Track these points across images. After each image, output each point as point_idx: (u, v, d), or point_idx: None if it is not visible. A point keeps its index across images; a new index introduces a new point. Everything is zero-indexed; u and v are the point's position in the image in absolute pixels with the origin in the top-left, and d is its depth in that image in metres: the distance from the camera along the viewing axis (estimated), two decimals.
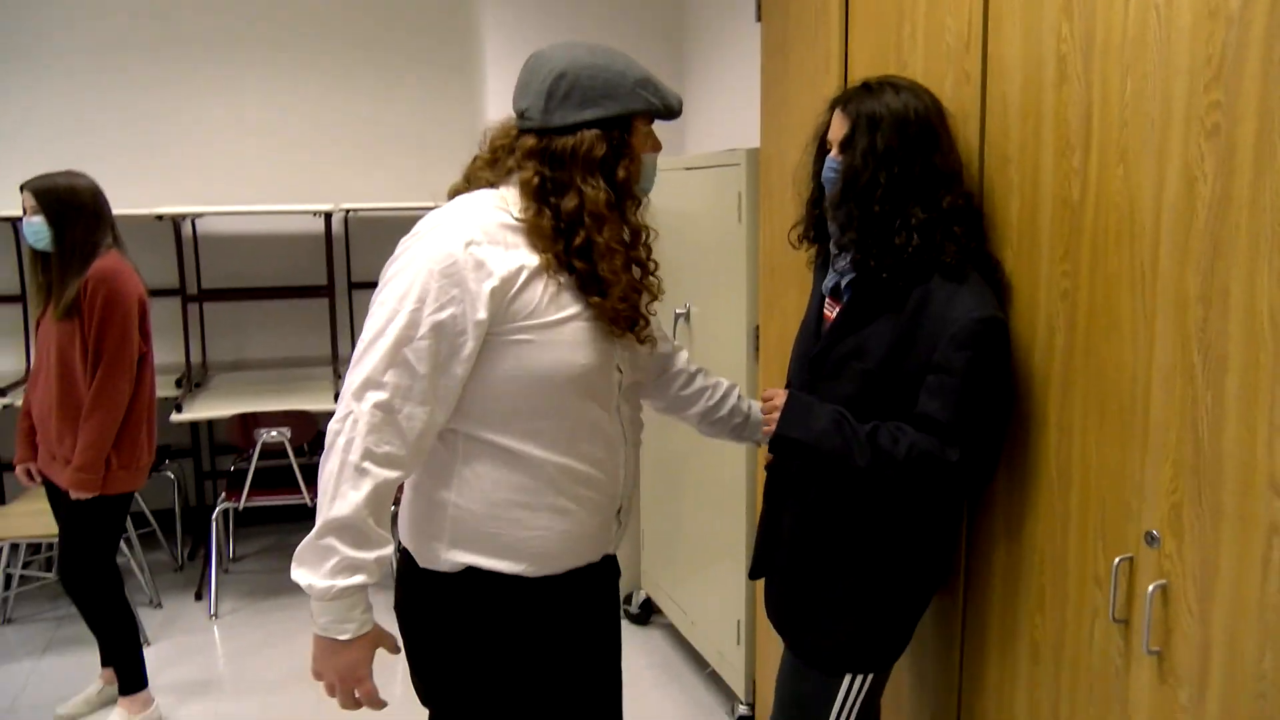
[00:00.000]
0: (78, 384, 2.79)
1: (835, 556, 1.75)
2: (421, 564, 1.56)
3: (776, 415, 1.70)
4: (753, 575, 1.99)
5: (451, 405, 1.46)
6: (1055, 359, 1.55)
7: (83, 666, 3.38)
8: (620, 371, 1.57)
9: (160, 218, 4.24)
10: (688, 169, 3.06)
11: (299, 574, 1.41)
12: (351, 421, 1.39)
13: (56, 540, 3.41)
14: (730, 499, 2.86)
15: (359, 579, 1.40)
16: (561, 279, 1.49)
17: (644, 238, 1.57)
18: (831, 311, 1.79)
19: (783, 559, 1.86)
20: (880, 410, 1.65)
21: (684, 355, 1.92)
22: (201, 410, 3.99)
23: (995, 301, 1.62)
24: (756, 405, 2.01)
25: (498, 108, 3.94)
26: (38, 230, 2.75)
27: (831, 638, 1.76)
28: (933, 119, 1.66)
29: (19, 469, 3.01)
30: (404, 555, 1.62)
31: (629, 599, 3.75)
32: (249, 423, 3.83)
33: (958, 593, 1.82)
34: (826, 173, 1.74)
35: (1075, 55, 1.48)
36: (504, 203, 1.53)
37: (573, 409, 1.51)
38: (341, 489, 1.38)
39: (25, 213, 2.77)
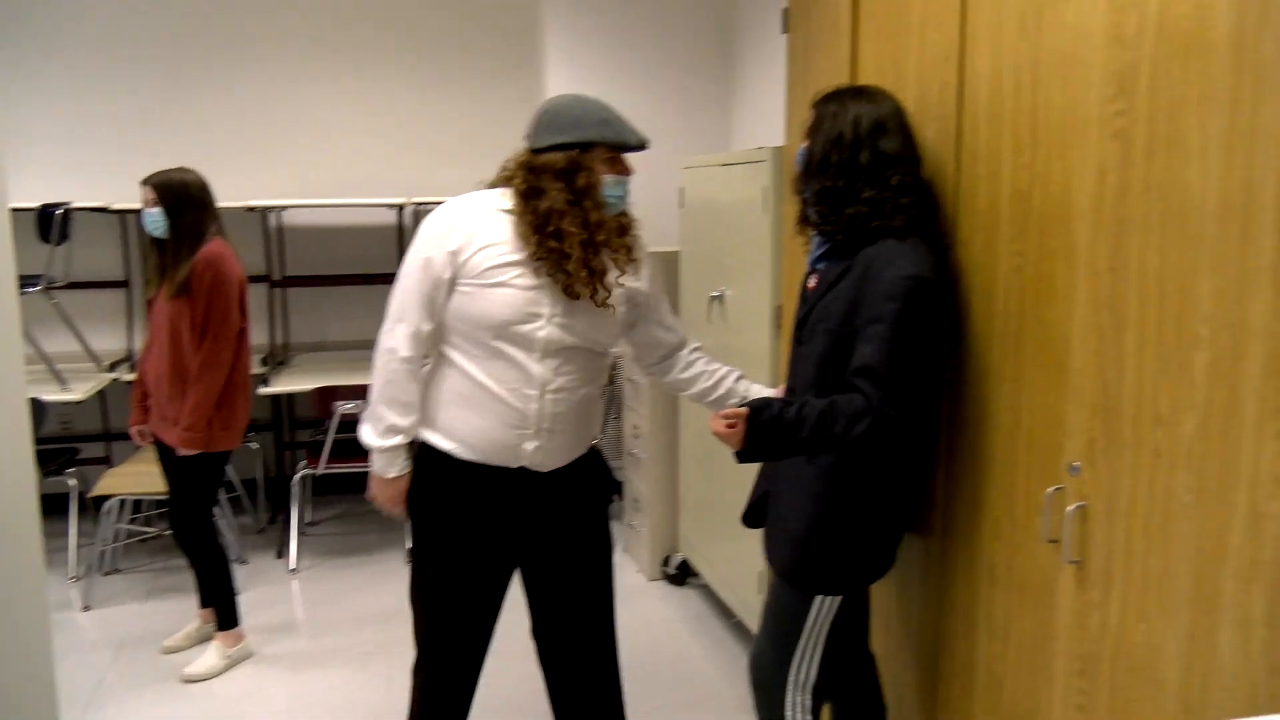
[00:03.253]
0: (186, 354, 3.14)
1: (808, 493, 2.00)
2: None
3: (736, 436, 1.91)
4: (745, 522, 2.27)
5: (434, 320, 2.09)
6: (1010, 323, 1.84)
7: (180, 610, 3.81)
8: (545, 333, 2.06)
9: (251, 209, 4.66)
10: (724, 165, 3.36)
11: (363, 431, 2.17)
12: (384, 329, 2.12)
13: (158, 498, 3.83)
14: (757, 466, 3.14)
15: (398, 439, 2.13)
16: (518, 255, 2.04)
17: (604, 227, 2.08)
18: (812, 283, 2.08)
19: (769, 498, 2.13)
20: (845, 363, 1.91)
21: (689, 347, 2.37)
22: (285, 384, 4.35)
23: (931, 264, 1.87)
24: (756, 388, 2.33)
25: None
26: (156, 220, 3.11)
27: (805, 563, 2.02)
28: (884, 116, 1.95)
29: (133, 430, 3.39)
30: None
31: (667, 561, 4.08)
32: (328, 395, 4.21)
33: (935, 528, 2.12)
34: (796, 158, 2.06)
35: (1026, 70, 1.76)
36: (502, 195, 2.11)
37: (493, 345, 2.06)
38: (380, 374, 2.12)
39: (145, 204, 3.12)
